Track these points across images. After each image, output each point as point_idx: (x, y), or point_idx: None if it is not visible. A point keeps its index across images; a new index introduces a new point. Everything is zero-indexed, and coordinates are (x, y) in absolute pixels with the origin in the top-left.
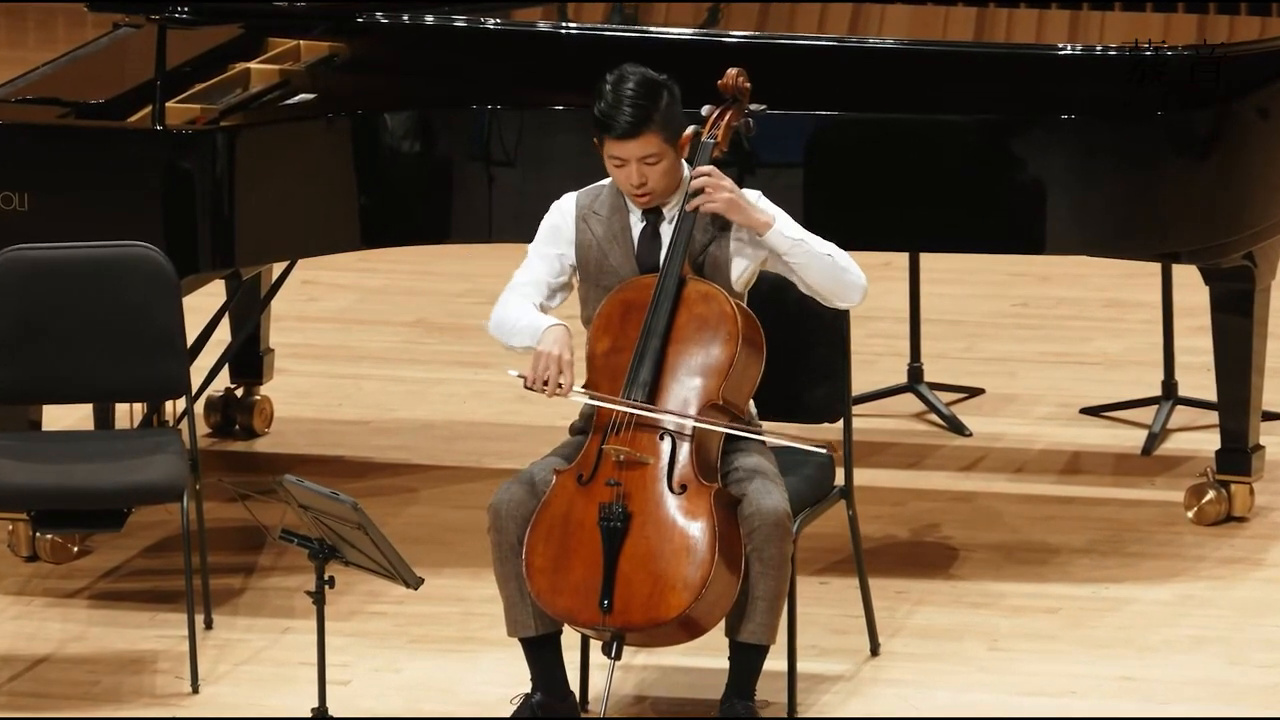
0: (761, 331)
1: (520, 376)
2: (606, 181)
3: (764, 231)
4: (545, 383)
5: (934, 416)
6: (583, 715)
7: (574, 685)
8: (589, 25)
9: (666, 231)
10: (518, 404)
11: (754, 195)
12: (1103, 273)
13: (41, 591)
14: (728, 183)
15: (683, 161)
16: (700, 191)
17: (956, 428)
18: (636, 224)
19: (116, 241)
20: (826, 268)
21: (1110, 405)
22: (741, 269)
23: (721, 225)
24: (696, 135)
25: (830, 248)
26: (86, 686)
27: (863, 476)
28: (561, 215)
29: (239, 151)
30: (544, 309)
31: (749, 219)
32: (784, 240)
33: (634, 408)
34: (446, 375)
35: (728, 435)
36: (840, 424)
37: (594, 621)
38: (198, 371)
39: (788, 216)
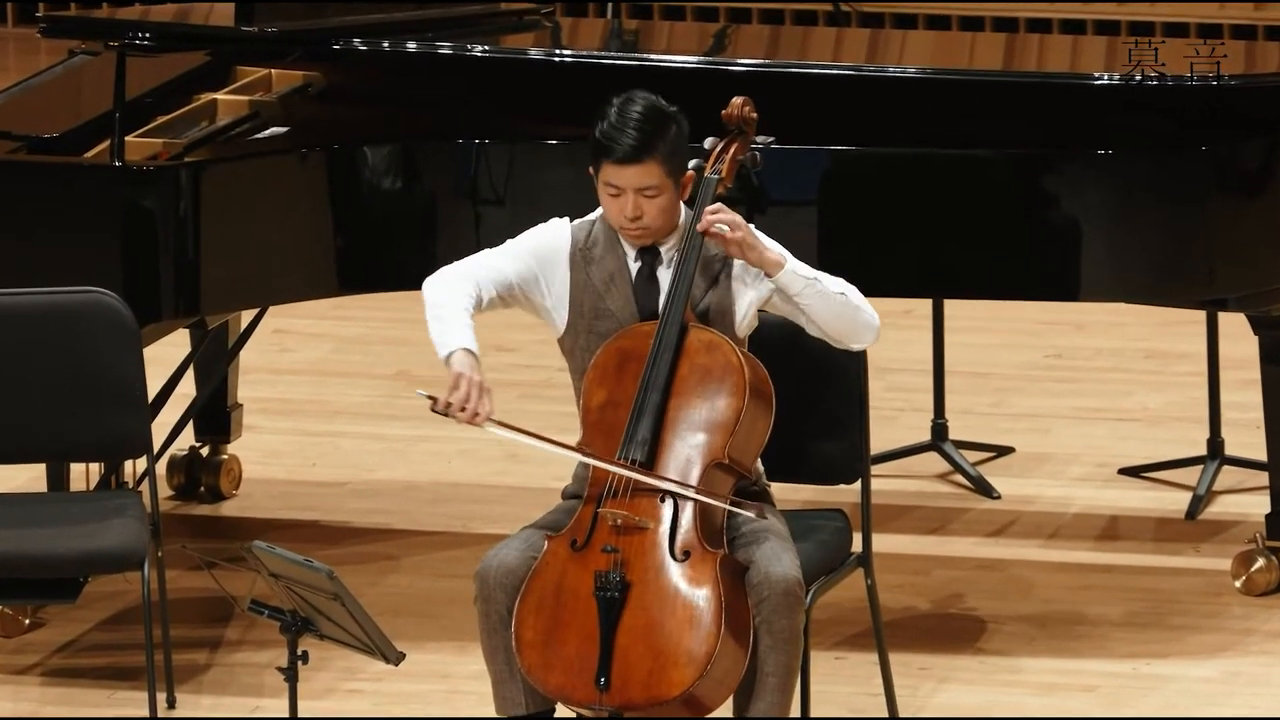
0: (771, 384)
1: (430, 398)
2: (595, 216)
3: (775, 272)
4: (463, 408)
5: (960, 477)
6: None
7: None
8: (584, 53)
9: (663, 276)
10: (506, 464)
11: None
12: (1143, 321)
13: None
14: (740, 220)
15: (680, 204)
16: (708, 229)
17: (984, 489)
18: (634, 264)
19: (72, 287)
20: (840, 308)
21: (1151, 465)
22: (744, 314)
23: (721, 268)
24: (699, 171)
25: (842, 285)
26: None
27: (882, 542)
28: (559, 238)
29: (205, 189)
30: (480, 304)
31: (761, 259)
32: (797, 280)
33: (567, 449)
34: (430, 432)
35: (736, 492)
36: (858, 485)
37: (590, 700)
38: (159, 428)
39: (789, 254)
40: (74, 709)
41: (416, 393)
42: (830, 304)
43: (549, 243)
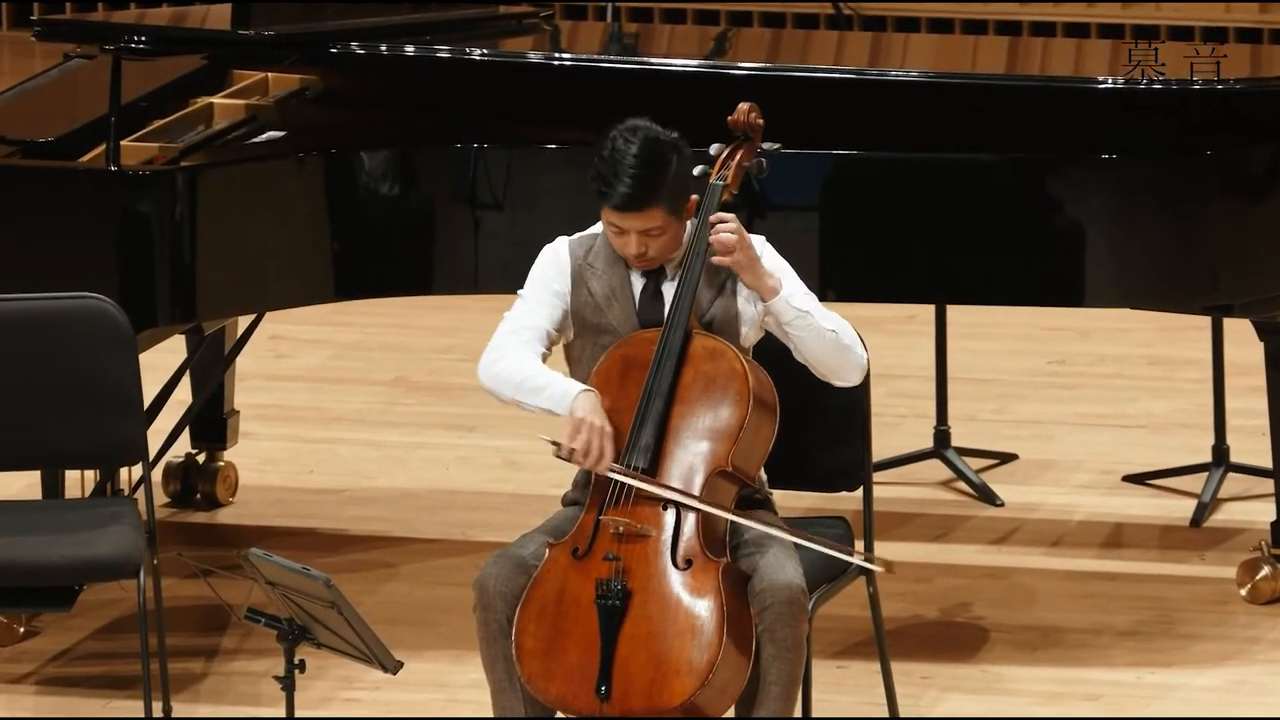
0: (775, 392)
1: (554, 443)
2: (598, 229)
3: (770, 298)
4: (586, 454)
5: (963, 485)
6: None
7: None
8: (584, 56)
9: (668, 290)
10: (506, 471)
11: (758, 241)
12: (1147, 327)
13: None
14: (747, 238)
15: (686, 222)
16: (718, 242)
17: (987, 497)
18: (637, 280)
19: (67, 293)
20: (828, 344)
21: (1156, 472)
22: (749, 325)
23: (727, 277)
24: (705, 177)
25: (835, 322)
26: None
27: (885, 550)
28: (560, 261)
29: (201, 194)
30: (541, 360)
31: (759, 283)
32: (789, 310)
33: (659, 487)
34: (428, 439)
35: (739, 502)
36: (859, 493)
37: (590, 709)
38: (155, 435)
39: (794, 278)
40: (69, 717)
41: (539, 437)
42: (819, 339)
43: (553, 270)
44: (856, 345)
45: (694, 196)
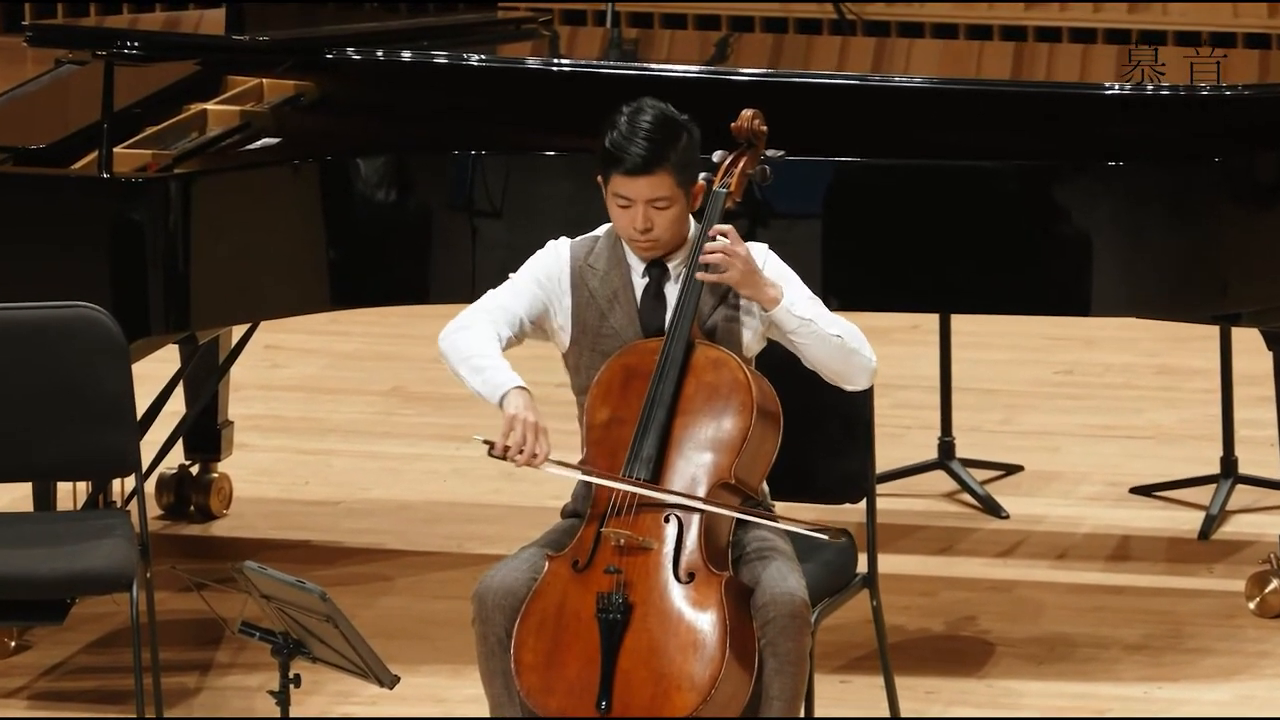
0: (778, 403)
1: (487, 443)
2: (600, 232)
3: (771, 308)
4: (520, 450)
5: (967, 496)
6: None
7: None
8: (583, 62)
9: (671, 292)
10: (504, 482)
11: (761, 250)
12: (1154, 336)
13: None
14: (743, 250)
15: (690, 216)
16: (711, 261)
17: (992, 509)
18: (639, 281)
19: (58, 302)
20: (834, 350)
21: (1163, 484)
22: (752, 334)
23: (729, 285)
24: (708, 183)
25: (841, 326)
26: None
27: (888, 563)
28: (559, 260)
29: (195, 202)
30: (501, 345)
31: (758, 293)
32: (791, 319)
33: (627, 484)
34: (425, 450)
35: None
36: (863, 505)
37: None
38: (148, 446)
39: (799, 285)
40: None
41: (473, 437)
42: (825, 346)
43: (549, 267)
44: (864, 349)
45: (701, 181)
